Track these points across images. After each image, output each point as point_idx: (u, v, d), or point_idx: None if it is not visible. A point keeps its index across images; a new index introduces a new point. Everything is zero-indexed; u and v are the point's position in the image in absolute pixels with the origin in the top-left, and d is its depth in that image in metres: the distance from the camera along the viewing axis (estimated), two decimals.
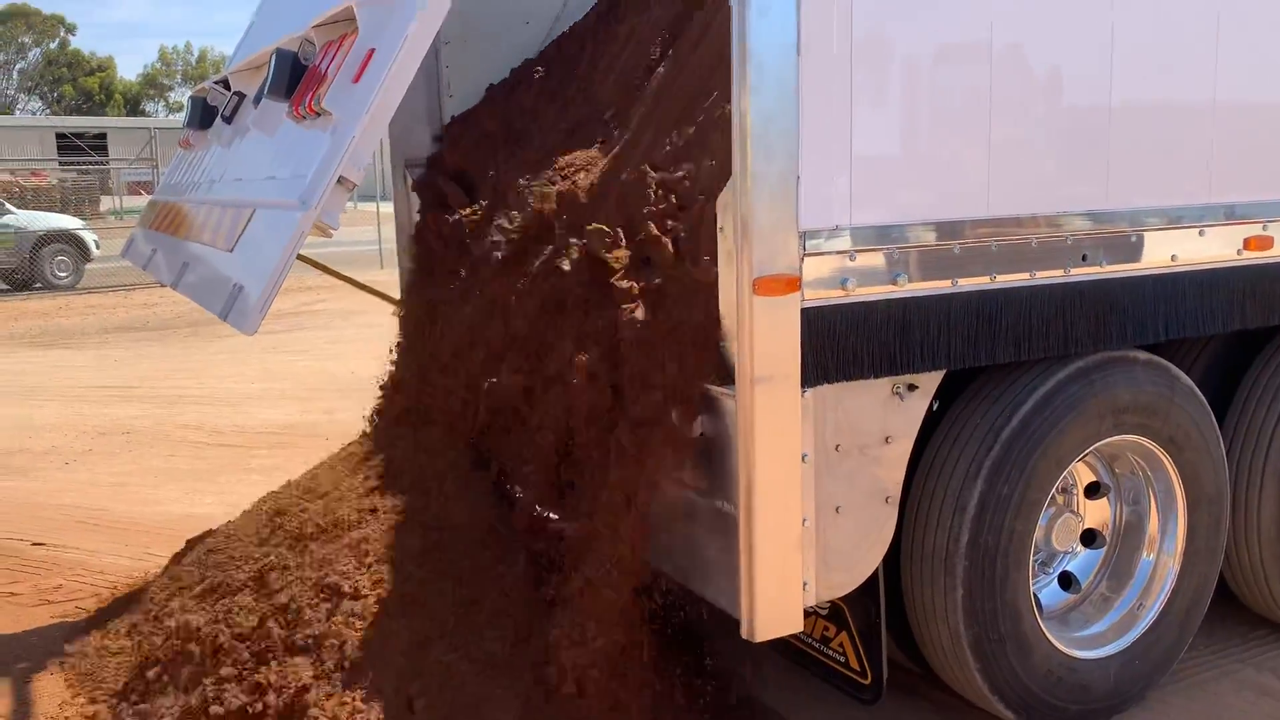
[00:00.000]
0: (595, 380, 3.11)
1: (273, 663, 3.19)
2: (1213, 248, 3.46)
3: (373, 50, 3.14)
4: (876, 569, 3.12)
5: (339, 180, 2.99)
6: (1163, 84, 3.30)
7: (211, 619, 3.45)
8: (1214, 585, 3.77)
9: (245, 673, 3.21)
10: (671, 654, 3.37)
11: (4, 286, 18.25)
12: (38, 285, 18.21)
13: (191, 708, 3.22)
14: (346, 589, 3.29)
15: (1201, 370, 3.85)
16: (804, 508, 2.89)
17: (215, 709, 3.13)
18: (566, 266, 3.32)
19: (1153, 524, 3.66)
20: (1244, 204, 3.50)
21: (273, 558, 3.56)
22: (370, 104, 2.99)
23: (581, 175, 3.70)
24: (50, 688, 3.96)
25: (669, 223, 3.11)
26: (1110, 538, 3.72)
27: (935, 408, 3.19)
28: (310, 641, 3.19)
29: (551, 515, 3.30)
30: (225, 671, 3.23)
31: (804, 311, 2.79)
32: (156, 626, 3.82)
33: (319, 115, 3.27)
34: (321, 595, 3.31)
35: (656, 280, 3.08)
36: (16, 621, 4.71)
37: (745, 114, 2.65)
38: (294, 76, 3.48)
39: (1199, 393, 3.59)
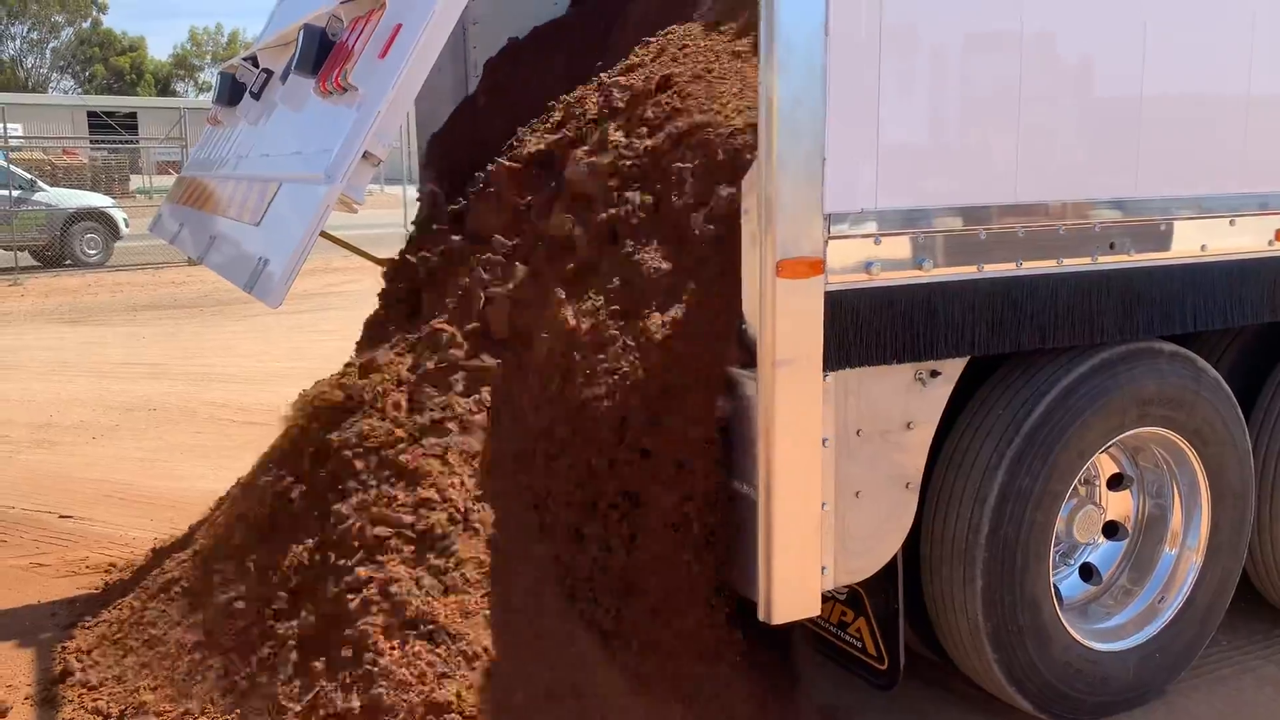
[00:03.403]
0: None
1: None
2: (1244, 238, 3.41)
3: (399, 26, 3.15)
4: (895, 555, 3.11)
5: (364, 155, 3.00)
6: (1196, 73, 3.26)
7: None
8: (1237, 580, 3.74)
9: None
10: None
11: (35, 263, 18.44)
12: (68, 262, 18.39)
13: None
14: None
15: (1229, 363, 3.81)
16: (824, 492, 2.88)
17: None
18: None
19: (1176, 517, 3.63)
20: (1278, 194, 3.45)
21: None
22: (396, 79, 3.00)
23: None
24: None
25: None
26: (1132, 530, 3.69)
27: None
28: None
29: None
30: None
31: (827, 295, 2.78)
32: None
33: (345, 91, 3.28)
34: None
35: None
36: (44, 591, 4.77)
37: (772, 95, 2.63)
38: (321, 52, 3.49)
39: (1225, 386, 3.55)
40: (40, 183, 19.39)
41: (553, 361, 3.30)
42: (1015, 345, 3.11)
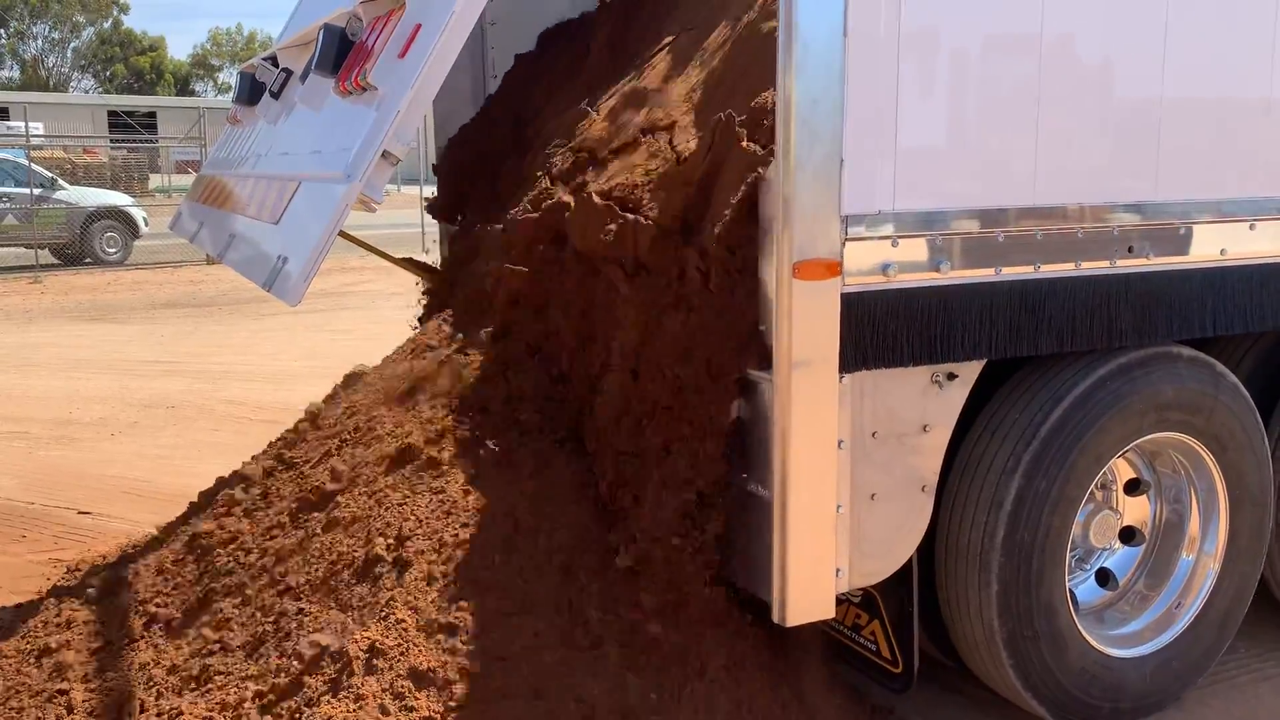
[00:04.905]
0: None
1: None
2: (1264, 242, 3.39)
3: (419, 26, 3.16)
4: (910, 558, 3.10)
5: (383, 154, 3.01)
6: (1216, 76, 3.24)
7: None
8: (1255, 587, 3.71)
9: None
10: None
11: (55, 261, 18.59)
12: (88, 260, 18.55)
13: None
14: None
15: (1248, 368, 3.78)
16: (839, 494, 2.87)
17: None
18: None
19: (1193, 523, 3.61)
20: None
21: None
22: (415, 79, 3.01)
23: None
24: None
25: None
26: (1149, 536, 3.67)
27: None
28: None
29: None
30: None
31: (844, 297, 2.77)
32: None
33: (365, 90, 3.30)
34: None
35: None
36: None
37: (790, 95, 2.63)
38: (341, 52, 3.50)
39: (1244, 391, 3.53)
40: (61, 181, 19.58)
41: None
42: (1033, 349, 3.10)
